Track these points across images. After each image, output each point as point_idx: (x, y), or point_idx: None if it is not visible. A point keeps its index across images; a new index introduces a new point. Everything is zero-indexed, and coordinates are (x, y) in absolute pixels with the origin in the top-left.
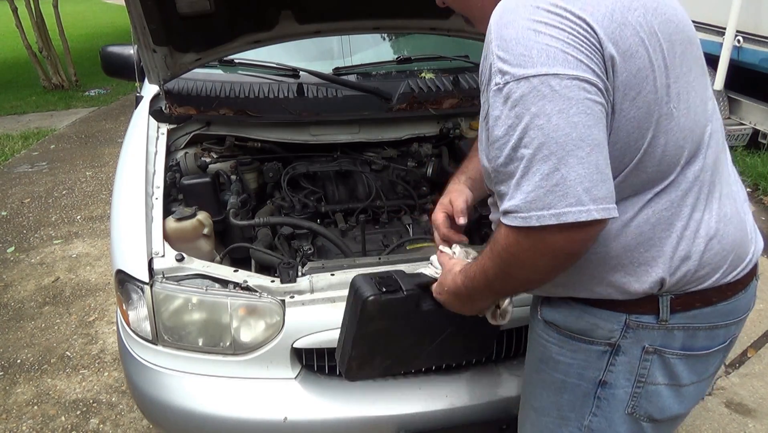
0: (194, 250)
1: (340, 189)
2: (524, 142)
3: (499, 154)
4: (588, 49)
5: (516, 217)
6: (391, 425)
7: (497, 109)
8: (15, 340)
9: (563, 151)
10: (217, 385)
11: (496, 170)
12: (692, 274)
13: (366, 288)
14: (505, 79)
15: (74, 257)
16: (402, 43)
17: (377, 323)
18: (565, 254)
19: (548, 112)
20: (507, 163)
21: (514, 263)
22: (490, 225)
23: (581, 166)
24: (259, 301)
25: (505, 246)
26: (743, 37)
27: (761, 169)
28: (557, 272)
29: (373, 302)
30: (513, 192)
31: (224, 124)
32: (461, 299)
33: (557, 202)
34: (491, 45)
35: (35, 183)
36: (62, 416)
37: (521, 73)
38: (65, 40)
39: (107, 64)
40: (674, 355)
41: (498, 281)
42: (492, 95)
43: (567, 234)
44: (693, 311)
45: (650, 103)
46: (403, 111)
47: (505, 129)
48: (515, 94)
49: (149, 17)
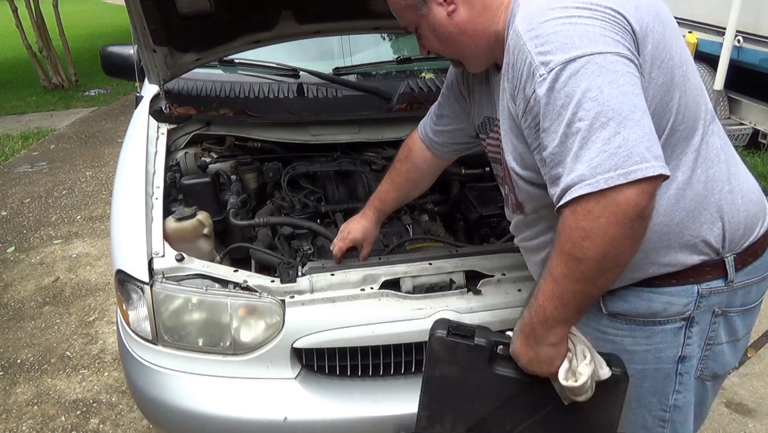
0: (194, 250)
1: (340, 189)
2: (579, 115)
3: (554, 137)
4: (621, 32)
5: (582, 186)
6: (391, 425)
7: (545, 99)
8: (15, 340)
9: (620, 117)
10: (217, 385)
11: (552, 154)
12: (744, 228)
13: (437, 326)
14: (551, 67)
15: (74, 256)
16: (402, 43)
17: (445, 368)
18: (636, 213)
19: (599, 84)
20: (563, 142)
21: (585, 241)
22: (490, 225)
23: (639, 128)
24: (259, 301)
25: (574, 225)
26: (743, 37)
27: (761, 169)
28: (630, 242)
29: (438, 340)
30: (572, 165)
31: (224, 124)
32: (529, 341)
33: (623, 163)
34: (525, 47)
35: (35, 183)
36: (62, 416)
37: (566, 57)
38: (65, 40)
39: (107, 64)
40: (735, 312)
41: (569, 281)
42: (537, 89)
43: (636, 190)
44: (748, 267)
45: (672, 68)
46: (403, 111)
47: (556, 111)
48: (563, 76)
49: (149, 17)
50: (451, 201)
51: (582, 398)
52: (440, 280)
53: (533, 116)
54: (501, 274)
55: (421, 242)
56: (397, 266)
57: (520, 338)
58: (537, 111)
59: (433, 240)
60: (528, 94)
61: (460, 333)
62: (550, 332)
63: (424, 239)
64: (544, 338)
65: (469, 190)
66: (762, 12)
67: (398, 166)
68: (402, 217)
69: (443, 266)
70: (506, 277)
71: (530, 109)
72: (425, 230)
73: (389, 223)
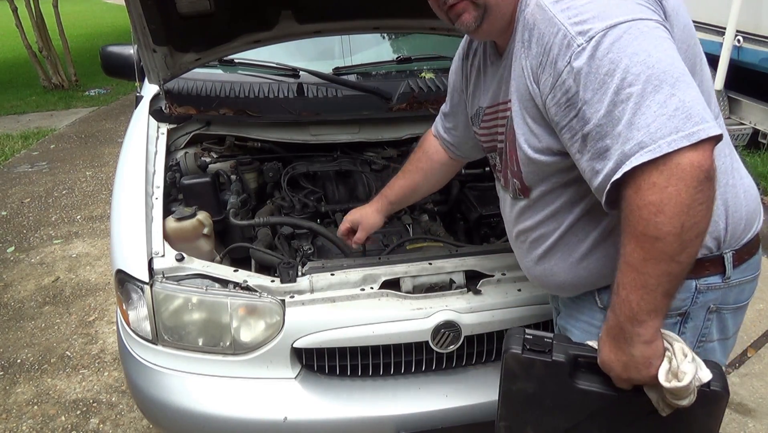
0: (194, 250)
1: (340, 189)
2: (628, 81)
3: (599, 107)
4: (654, 6)
5: (643, 153)
6: (391, 425)
7: (585, 68)
8: (15, 340)
9: (672, 78)
10: (217, 385)
11: (597, 126)
12: (744, 223)
13: (512, 341)
14: (590, 35)
15: (74, 256)
16: (402, 43)
17: (522, 384)
18: (704, 175)
19: (646, 48)
20: (610, 111)
21: (658, 216)
22: (490, 225)
23: (692, 90)
24: (259, 301)
25: (641, 203)
26: (743, 37)
27: (761, 169)
28: (705, 206)
29: (513, 357)
30: (627, 133)
31: (224, 124)
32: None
33: (683, 124)
34: (555, 20)
35: (35, 183)
36: (62, 415)
37: (607, 24)
38: (65, 40)
39: (107, 64)
40: (728, 310)
41: (650, 264)
42: (574, 60)
43: (699, 152)
44: (743, 264)
45: (694, 56)
46: (403, 111)
47: (599, 80)
48: (605, 43)
49: (149, 17)
50: (451, 201)
51: (686, 402)
52: (440, 280)
53: (564, 91)
54: (501, 274)
55: (421, 241)
56: (397, 265)
57: (608, 344)
58: (570, 85)
59: (433, 240)
60: (560, 67)
61: (537, 348)
62: (641, 327)
63: (424, 239)
64: (636, 337)
65: (469, 190)
66: (762, 12)
67: (411, 156)
68: (402, 217)
69: (443, 265)
70: (506, 277)
71: (561, 84)
72: (425, 230)
73: (389, 223)
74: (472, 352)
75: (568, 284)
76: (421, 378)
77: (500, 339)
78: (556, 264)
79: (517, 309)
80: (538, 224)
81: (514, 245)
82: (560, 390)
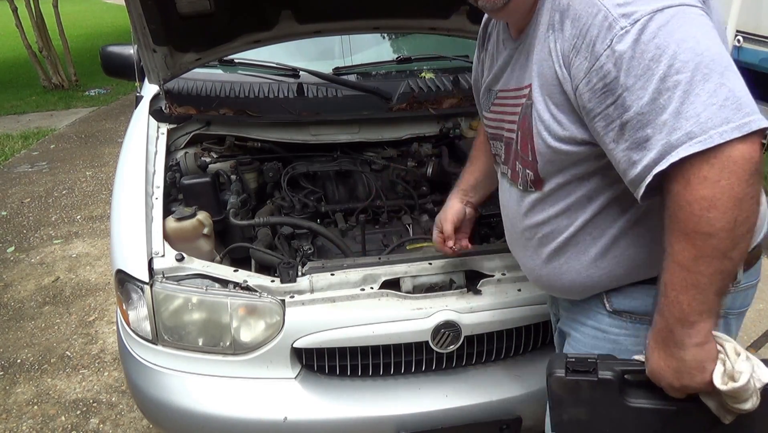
0: (194, 250)
1: (340, 189)
2: (676, 68)
3: (642, 94)
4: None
5: (692, 143)
6: (391, 425)
7: (629, 53)
8: (15, 340)
9: (721, 67)
10: (217, 385)
11: (639, 114)
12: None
13: (554, 365)
14: (635, 18)
15: (74, 256)
16: (402, 43)
17: (572, 411)
18: (754, 168)
19: (694, 35)
20: (654, 99)
21: (710, 211)
22: (490, 225)
23: (740, 80)
24: (259, 301)
25: (692, 198)
26: (743, 37)
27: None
28: (755, 200)
29: (557, 382)
30: (674, 123)
31: (224, 124)
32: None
33: (733, 115)
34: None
35: (35, 183)
36: (62, 415)
37: (653, 7)
38: (65, 40)
39: (107, 64)
40: (733, 314)
41: (702, 263)
42: (616, 43)
43: (748, 144)
44: (751, 268)
45: None
46: (403, 111)
47: (644, 65)
48: (651, 27)
49: (149, 17)
50: None
51: (748, 405)
52: (440, 280)
53: (601, 76)
54: (501, 274)
55: (421, 241)
56: (397, 265)
57: (656, 351)
58: (609, 70)
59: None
60: (598, 51)
61: (581, 369)
62: (693, 329)
63: (424, 239)
64: (687, 340)
65: None
66: (762, 12)
67: (474, 142)
68: (402, 217)
69: (443, 265)
70: (506, 277)
71: (598, 69)
72: (425, 230)
73: (389, 223)
74: (472, 352)
75: (577, 286)
76: (421, 378)
77: (500, 339)
78: (566, 262)
79: (517, 309)
80: (550, 218)
81: (518, 242)
82: (614, 412)
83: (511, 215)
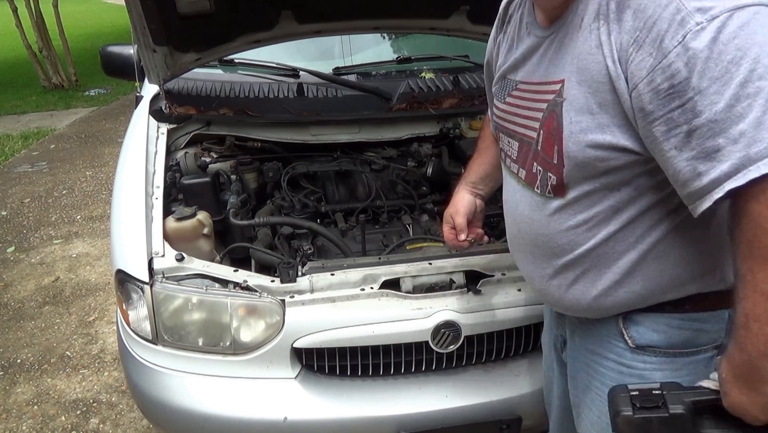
0: (194, 250)
1: (340, 189)
2: (759, 73)
3: (716, 99)
4: None
5: None
6: (391, 425)
7: (705, 52)
8: (15, 340)
9: None
10: (217, 385)
11: (711, 121)
12: None
13: (619, 403)
14: (713, 14)
15: (74, 256)
16: (402, 43)
17: None
18: None
19: None
20: (731, 106)
21: None
22: (490, 225)
23: None
24: (259, 301)
25: None
26: None
27: None
28: None
29: (626, 421)
30: (754, 134)
31: (224, 124)
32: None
33: None
34: None
35: (35, 183)
36: (62, 415)
37: (733, 4)
38: (65, 40)
39: (107, 63)
40: None
41: None
42: (690, 40)
43: None
44: None
45: None
46: (403, 111)
47: (722, 67)
48: (731, 26)
49: (149, 17)
50: None
51: None
52: (440, 280)
53: (668, 76)
54: (501, 274)
55: (421, 241)
56: (397, 265)
57: (737, 387)
58: (678, 69)
59: (433, 240)
60: (667, 47)
61: (648, 404)
62: None
63: (424, 239)
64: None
65: None
66: None
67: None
68: (402, 217)
69: (443, 265)
70: (506, 277)
71: (666, 67)
72: (425, 230)
73: (389, 223)
74: (472, 352)
75: (592, 304)
76: (421, 378)
77: (500, 339)
78: (582, 277)
79: (517, 309)
80: (570, 229)
81: (525, 247)
82: None
83: (520, 219)
